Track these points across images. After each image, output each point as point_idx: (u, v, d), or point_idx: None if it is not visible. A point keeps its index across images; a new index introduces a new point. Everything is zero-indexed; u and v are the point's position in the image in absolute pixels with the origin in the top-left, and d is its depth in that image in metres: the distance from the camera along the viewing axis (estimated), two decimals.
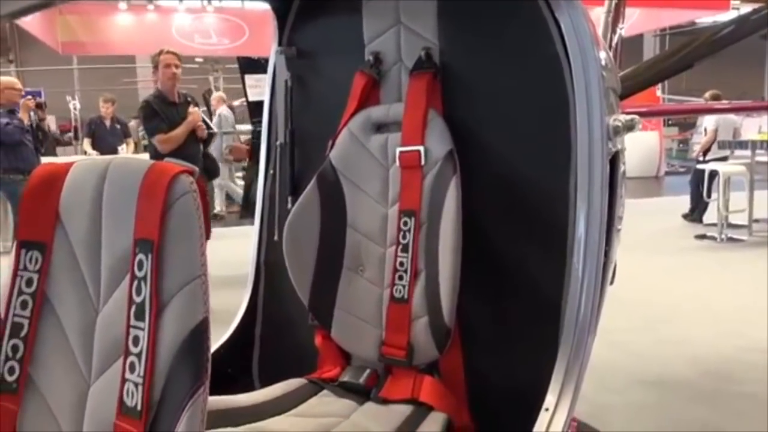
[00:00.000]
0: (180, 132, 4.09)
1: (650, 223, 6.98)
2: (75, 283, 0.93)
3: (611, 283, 1.80)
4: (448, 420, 1.45)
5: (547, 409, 1.28)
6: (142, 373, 0.84)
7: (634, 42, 13.93)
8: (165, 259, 0.85)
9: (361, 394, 1.57)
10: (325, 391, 1.58)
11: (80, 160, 1.00)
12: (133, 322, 0.86)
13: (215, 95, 9.89)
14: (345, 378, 1.61)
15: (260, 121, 5.61)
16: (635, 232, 4.84)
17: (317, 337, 1.70)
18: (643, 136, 11.68)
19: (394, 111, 1.65)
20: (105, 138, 7.52)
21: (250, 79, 5.90)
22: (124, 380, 0.86)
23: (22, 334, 0.93)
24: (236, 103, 13.54)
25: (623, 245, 1.88)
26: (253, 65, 5.95)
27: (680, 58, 2.20)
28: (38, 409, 0.92)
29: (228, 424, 1.33)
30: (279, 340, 1.87)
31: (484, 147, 1.58)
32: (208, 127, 8.44)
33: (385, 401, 1.53)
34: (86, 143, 7.77)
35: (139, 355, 0.85)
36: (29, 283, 0.94)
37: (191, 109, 4.29)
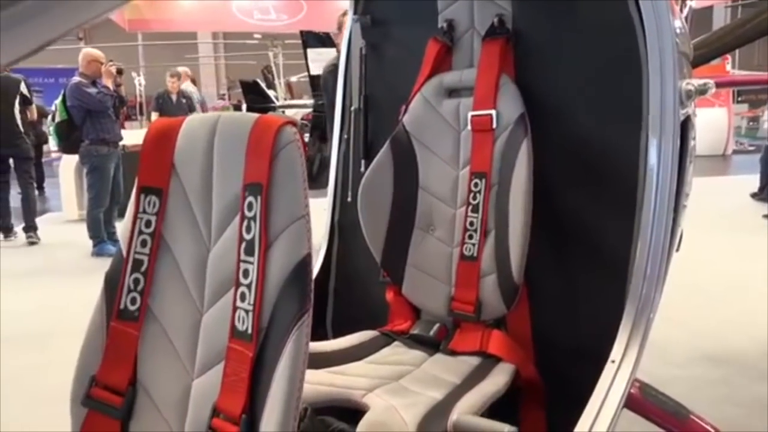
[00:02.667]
0: None
1: (716, 202, 6.77)
2: (188, 225, 1.04)
3: (677, 249, 1.81)
4: (516, 371, 1.52)
5: (613, 361, 1.33)
6: (252, 301, 0.94)
7: (704, 14, 13.34)
8: (273, 200, 0.94)
9: (431, 346, 1.65)
10: (396, 343, 1.67)
11: (192, 115, 1.10)
12: (243, 257, 0.96)
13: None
14: (415, 331, 1.69)
15: (322, 95, 5.68)
16: (700, 211, 4.71)
17: (389, 292, 1.79)
18: (710, 113, 11.24)
19: (467, 76, 1.70)
20: (172, 112, 7.77)
21: (312, 53, 6.01)
22: (235, 308, 0.96)
23: (142, 269, 1.05)
24: (293, 79, 13.74)
25: (688, 224, 1.87)
26: (315, 39, 6.05)
27: (757, 23, 2.12)
28: (156, 335, 1.04)
29: (310, 367, 1.44)
30: (352, 295, 1.97)
31: (555, 110, 1.62)
32: (271, 101, 8.62)
33: (454, 353, 1.61)
34: (154, 117, 8.07)
35: (249, 286, 0.94)
36: (148, 224, 1.05)
37: None
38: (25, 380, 3.05)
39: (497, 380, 1.46)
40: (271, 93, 9.94)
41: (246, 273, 0.95)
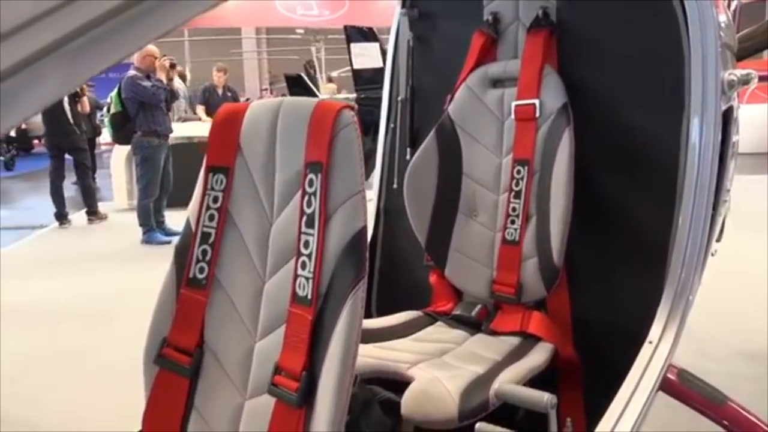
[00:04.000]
0: None
1: (761, 201, 6.61)
2: (252, 200, 1.13)
3: (718, 240, 1.83)
4: (555, 350, 1.58)
5: (650, 342, 1.37)
6: (312, 269, 1.02)
7: (757, 8, 12.92)
8: (332, 177, 1.02)
9: (472, 326, 1.71)
10: (439, 323, 1.75)
11: (255, 101, 1.19)
12: (304, 229, 1.04)
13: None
14: (458, 312, 1.76)
15: (364, 89, 5.80)
16: (744, 210, 4.62)
17: (432, 275, 1.86)
18: (758, 109, 10.89)
19: (511, 67, 1.76)
20: (218, 105, 7.88)
21: (355, 47, 6.09)
22: (296, 276, 1.04)
23: (210, 241, 1.14)
24: (334, 74, 13.88)
25: (732, 221, 1.87)
26: (359, 34, 6.13)
27: None
28: (222, 301, 1.13)
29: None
30: (396, 277, 2.05)
31: (597, 99, 1.67)
32: (314, 95, 8.76)
33: (494, 333, 1.68)
34: (200, 110, 8.27)
35: (309, 256, 1.03)
36: (215, 200, 1.15)
37: None
38: (80, 357, 3.24)
39: (537, 357, 1.52)
40: (325, 88, 10.00)
41: (306, 244, 1.03)
